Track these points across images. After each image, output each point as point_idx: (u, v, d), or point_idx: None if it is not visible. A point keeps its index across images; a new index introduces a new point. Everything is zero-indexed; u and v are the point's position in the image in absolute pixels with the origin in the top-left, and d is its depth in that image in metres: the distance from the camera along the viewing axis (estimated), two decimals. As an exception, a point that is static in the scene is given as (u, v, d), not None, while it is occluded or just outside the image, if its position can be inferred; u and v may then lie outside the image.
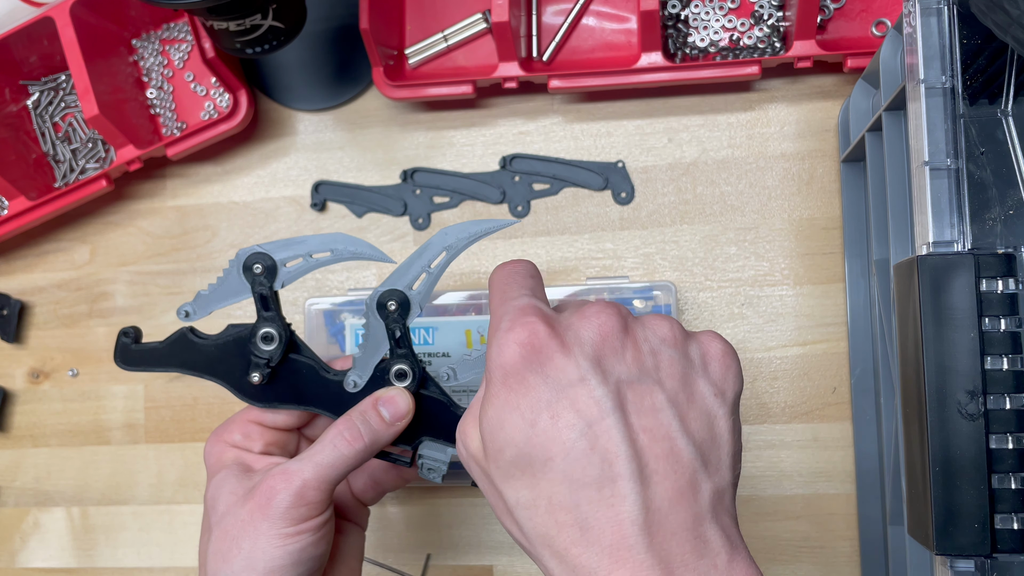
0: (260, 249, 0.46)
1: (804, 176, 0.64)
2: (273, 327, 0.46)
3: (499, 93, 0.67)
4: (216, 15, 0.54)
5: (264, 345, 0.46)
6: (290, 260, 0.46)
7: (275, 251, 0.46)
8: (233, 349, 0.46)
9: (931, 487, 0.38)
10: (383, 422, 0.44)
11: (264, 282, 0.46)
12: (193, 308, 0.47)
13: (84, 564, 0.72)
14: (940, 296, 0.39)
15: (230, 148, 0.71)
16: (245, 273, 0.46)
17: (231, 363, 0.46)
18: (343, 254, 0.46)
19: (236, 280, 0.46)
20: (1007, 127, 0.44)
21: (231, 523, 0.42)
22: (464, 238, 0.45)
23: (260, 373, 0.46)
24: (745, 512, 0.62)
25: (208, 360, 0.47)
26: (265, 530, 0.41)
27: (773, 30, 0.63)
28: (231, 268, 0.46)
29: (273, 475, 0.42)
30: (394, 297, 0.45)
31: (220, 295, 0.46)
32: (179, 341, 0.47)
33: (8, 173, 0.67)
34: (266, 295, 0.46)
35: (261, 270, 0.45)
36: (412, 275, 0.45)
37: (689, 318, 0.64)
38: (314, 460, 0.42)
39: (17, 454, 0.74)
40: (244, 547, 0.41)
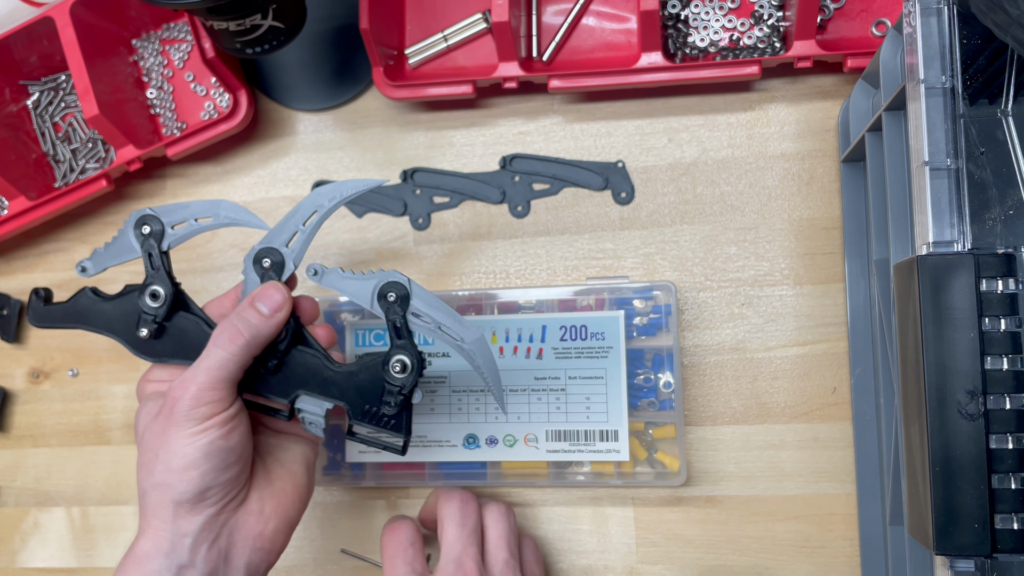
0: (149, 212, 0.50)
1: (804, 176, 0.64)
2: (160, 285, 0.50)
3: (499, 93, 0.67)
4: (216, 15, 0.54)
5: (151, 302, 0.50)
6: (177, 223, 0.50)
7: (163, 214, 0.50)
8: (128, 307, 0.50)
9: (931, 487, 0.38)
10: (261, 316, 0.48)
11: (152, 243, 0.50)
12: (90, 264, 0.51)
13: (84, 564, 0.72)
14: (940, 296, 0.39)
15: (230, 148, 0.71)
16: (135, 232, 0.50)
17: (126, 321, 0.50)
18: (223, 220, 0.50)
19: (128, 239, 0.50)
20: (1007, 127, 0.44)
21: (149, 439, 0.47)
22: (335, 198, 0.49)
23: (147, 328, 0.50)
24: (745, 512, 0.62)
25: (106, 318, 0.50)
26: (174, 434, 0.45)
27: (773, 30, 0.63)
28: (125, 228, 0.50)
29: (173, 387, 0.46)
30: (269, 255, 0.49)
31: (113, 252, 0.51)
32: (79, 299, 0.51)
33: (8, 173, 0.67)
34: (153, 254, 0.50)
35: (149, 231, 0.50)
36: (286, 234, 0.50)
37: (689, 318, 0.64)
38: (203, 365, 0.46)
39: (17, 454, 0.74)
40: (160, 454, 0.46)
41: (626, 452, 0.60)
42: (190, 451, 0.45)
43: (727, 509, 0.63)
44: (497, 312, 0.63)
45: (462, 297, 0.64)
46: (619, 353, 0.61)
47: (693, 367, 0.64)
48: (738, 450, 0.63)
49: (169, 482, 0.45)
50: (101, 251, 0.51)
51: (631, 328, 0.62)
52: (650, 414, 0.62)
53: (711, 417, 0.63)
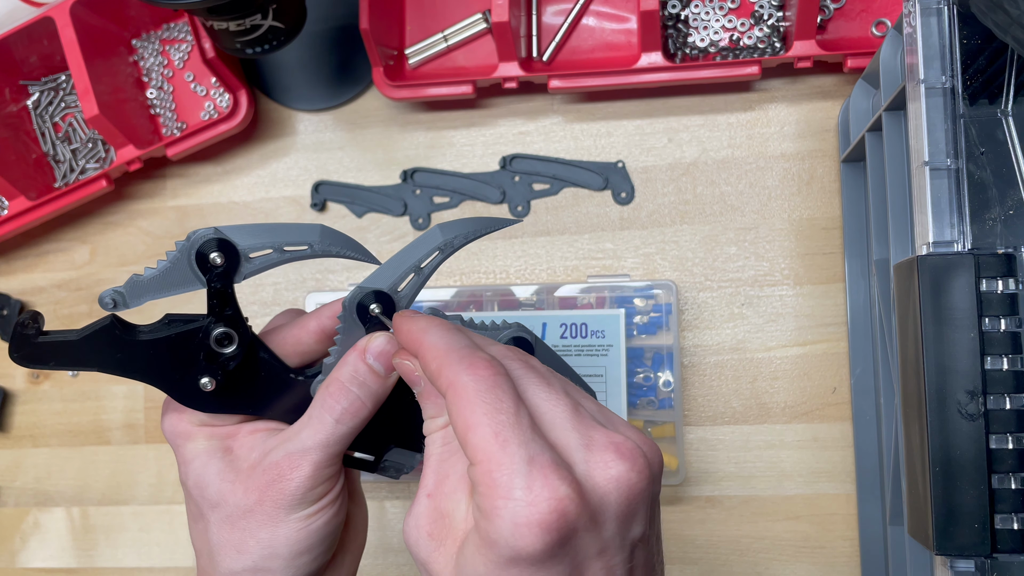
0: (221, 234, 0.36)
1: (804, 176, 0.64)
2: (231, 326, 0.37)
3: (499, 93, 0.67)
4: (216, 15, 0.54)
5: (221, 348, 0.38)
6: (257, 251, 0.37)
7: (241, 237, 0.36)
8: (174, 347, 0.37)
9: (931, 487, 0.38)
10: (379, 378, 0.39)
11: (224, 275, 0.37)
12: (124, 296, 0.36)
13: (84, 564, 0.72)
14: (940, 296, 0.39)
15: (230, 148, 0.71)
16: (198, 263, 0.36)
17: (170, 363, 0.37)
18: (320, 250, 0.39)
19: (184, 269, 0.36)
20: (1007, 127, 0.44)
21: (236, 512, 0.38)
22: (461, 236, 0.39)
23: (213, 379, 0.37)
24: (745, 512, 0.62)
25: (138, 359, 0.37)
26: (283, 517, 0.38)
27: (773, 30, 0.63)
28: (180, 255, 0.36)
29: (278, 462, 0.38)
30: (379, 300, 0.38)
31: (161, 284, 0.37)
32: (100, 335, 0.36)
33: (8, 173, 0.67)
34: (226, 290, 0.37)
35: (221, 262, 0.36)
36: (399, 274, 0.39)
37: (689, 318, 0.64)
38: (318, 439, 0.38)
39: (17, 454, 0.74)
40: (262, 537, 0.38)
41: (626, 452, 0.60)
42: (303, 537, 0.38)
43: (727, 509, 0.63)
44: (497, 309, 0.63)
45: (461, 294, 0.64)
46: (619, 351, 0.61)
47: (693, 367, 0.64)
48: (738, 450, 0.63)
49: (272, 567, 0.39)
50: (142, 279, 0.36)
51: (631, 327, 0.62)
52: (649, 413, 0.62)
53: (711, 417, 0.63)
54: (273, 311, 0.70)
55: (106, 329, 0.36)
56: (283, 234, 0.37)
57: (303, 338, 0.41)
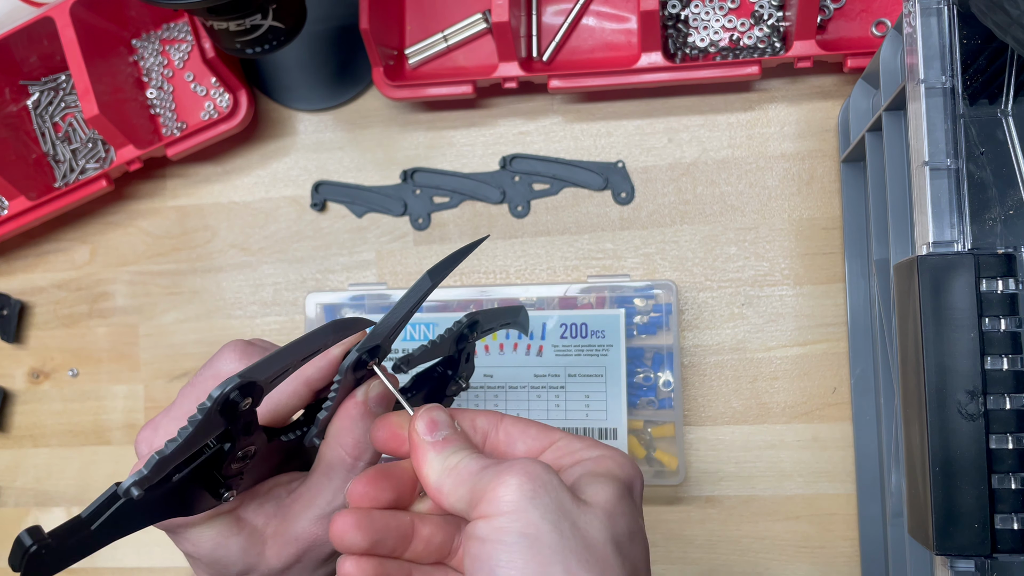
0: (248, 379, 0.33)
1: (804, 176, 0.64)
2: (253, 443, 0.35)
3: (499, 93, 0.67)
4: (216, 15, 0.54)
5: (241, 463, 0.36)
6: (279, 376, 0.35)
7: (260, 373, 0.33)
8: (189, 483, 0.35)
9: (931, 487, 0.38)
10: None
11: (250, 412, 0.34)
12: (150, 477, 0.31)
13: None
14: (940, 296, 0.39)
15: (230, 148, 0.71)
16: (226, 416, 0.33)
17: (185, 497, 0.35)
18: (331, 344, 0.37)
19: (210, 427, 0.33)
20: (1007, 127, 0.44)
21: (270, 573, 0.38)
22: (446, 273, 0.39)
23: (236, 490, 0.36)
24: (745, 512, 0.62)
25: (155, 511, 0.34)
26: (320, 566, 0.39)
27: (773, 30, 0.63)
28: (207, 416, 0.32)
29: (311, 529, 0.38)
30: (374, 356, 0.38)
31: (190, 447, 0.32)
32: (122, 513, 0.33)
33: (8, 173, 0.67)
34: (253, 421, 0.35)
35: (250, 403, 0.34)
36: (392, 327, 0.38)
37: (689, 318, 0.64)
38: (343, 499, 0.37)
39: (17, 454, 0.74)
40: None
41: (625, 450, 0.60)
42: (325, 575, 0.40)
43: (727, 509, 0.63)
44: (497, 312, 0.63)
45: (462, 294, 0.64)
46: (619, 351, 0.61)
47: (693, 367, 0.64)
48: (738, 450, 0.63)
49: None
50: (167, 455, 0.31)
51: (631, 326, 0.62)
52: (649, 413, 0.62)
53: (711, 417, 0.63)
54: (273, 310, 0.70)
55: (126, 506, 0.33)
56: (301, 349, 0.35)
57: (297, 404, 0.40)
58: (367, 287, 0.67)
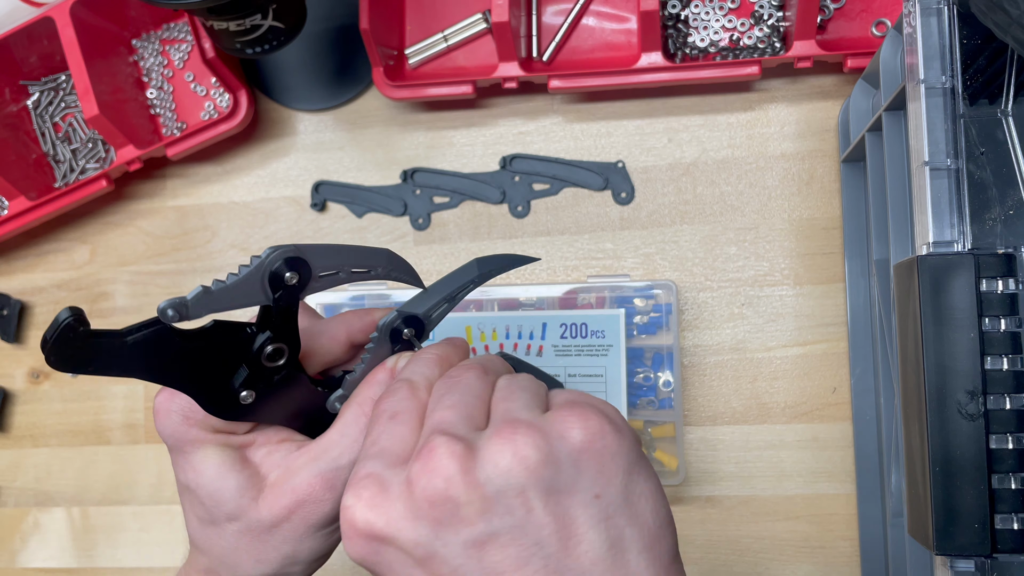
0: (301, 253, 0.35)
1: (804, 176, 0.64)
2: (285, 342, 0.37)
3: (499, 93, 0.67)
4: (216, 15, 0.54)
5: (271, 363, 0.37)
6: (326, 271, 0.37)
7: (313, 256, 0.36)
8: (221, 357, 0.36)
9: (931, 487, 0.38)
10: None
11: (292, 292, 0.36)
12: (188, 308, 0.33)
13: (84, 564, 0.72)
14: (940, 296, 0.39)
15: (230, 148, 0.71)
16: (271, 282, 0.35)
17: (212, 372, 0.36)
18: (382, 273, 0.39)
19: (255, 285, 0.35)
20: (1007, 127, 0.44)
21: (258, 527, 0.37)
22: (496, 269, 0.41)
23: (255, 391, 0.37)
24: (745, 512, 0.62)
25: (182, 366, 0.35)
26: (311, 533, 0.38)
27: (773, 30, 0.63)
28: (254, 271, 0.34)
29: (310, 483, 0.37)
30: (410, 324, 0.40)
31: (231, 297, 0.34)
32: (155, 341, 0.34)
33: (8, 173, 0.67)
34: (291, 309, 0.36)
35: (296, 281, 0.35)
36: (434, 302, 0.40)
37: (689, 318, 0.64)
38: (350, 458, 0.37)
39: (17, 454, 0.74)
40: (285, 550, 0.38)
41: (626, 452, 0.60)
42: (327, 546, 0.39)
43: (727, 509, 0.63)
44: (498, 309, 0.63)
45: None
46: (619, 351, 0.61)
47: (693, 367, 0.64)
48: (738, 450, 0.63)
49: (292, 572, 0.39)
50: (211, 291, 0.34)
51: (631, 327, 0.62)
52: (649, 413, 0.62)
53: (711, 417, 0.63)
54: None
55: (161, 336, 0.34)
56: (354, 256, 0.38)
57: (334, 350, 0.40)
58: (367, 287, 0.67)
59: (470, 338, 0.62)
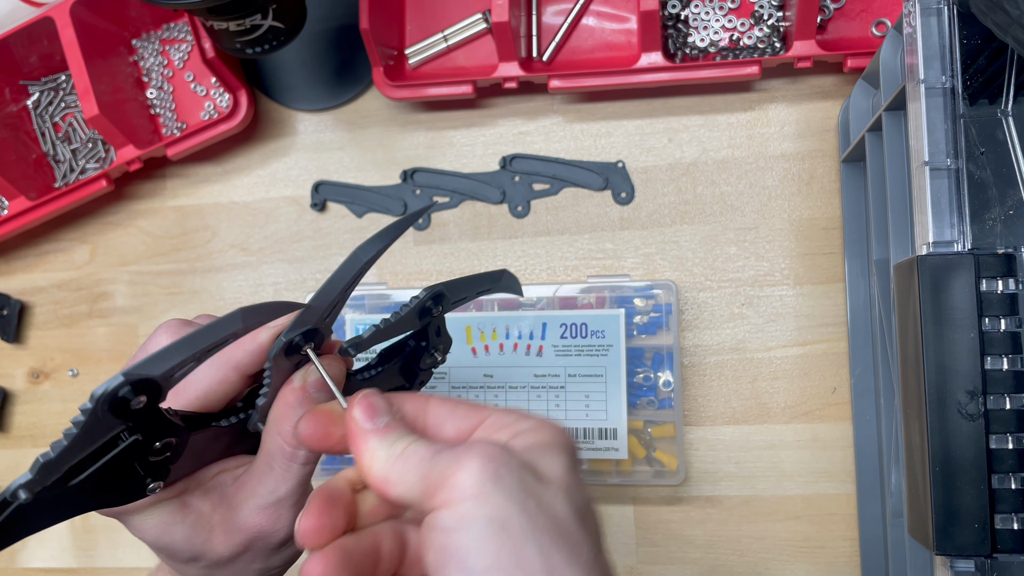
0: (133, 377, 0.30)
1: (804, 176, 0.64)
2: (168, 435, 0.34)
3: (499, 93, 0.67)
4: (216, 15, 0.54)
5: (160, 455, 0.34)
6: (177, 370, 0.31)
7: (155, 368, 0.30)
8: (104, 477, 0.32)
9: (931, 487, 0.38)
10: None
11: (146, 414, 0.31)
12: (35, 480, 0.29)
13: (84, 564, 0.72)
14: (940, 296, 0.39)
15: (230, 148, 0.71)
16: (117, 414, 0.30)
17: (104, 489, 0.33)
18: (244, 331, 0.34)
19: (102, 428, 0.31)
20: (1007, 127, 0.44)
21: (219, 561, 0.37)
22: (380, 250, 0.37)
23: (160, 481, 0.34)
24: (745, 512, 0.62)
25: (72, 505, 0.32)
26: (274, 553, 0.38)
27: (773, 30, 0.63)
28: (90, 420, 0.29)
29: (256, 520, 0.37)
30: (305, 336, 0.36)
31: (79, 448, 0.30)
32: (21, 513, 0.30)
33: (8, 173, 0.67)
34: (156, 414, 0.33)
35: (145, 400, 0.31)
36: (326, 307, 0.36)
37: (689, 318, 0.64)
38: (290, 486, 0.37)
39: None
40: (256, 567, 0.38)
41: (625, 450, 0.60)
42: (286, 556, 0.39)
43: (727, 509, 0.63)
44: (497, 309, 0.63)
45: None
46: (619, 351, 0.61)
47: (693, 367, 0.64)
48: (738, 450, 0.63)
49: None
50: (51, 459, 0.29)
51: (631, 326, 0.62)
52: (649, 413, 0.62)
53: (711, 417, 0.63)
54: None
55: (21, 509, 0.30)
56: (204, 340, 0.32)
57: (228, 390, 0.38)
58: (367, 287, 0.66)
59: (470, 338, 0.62)
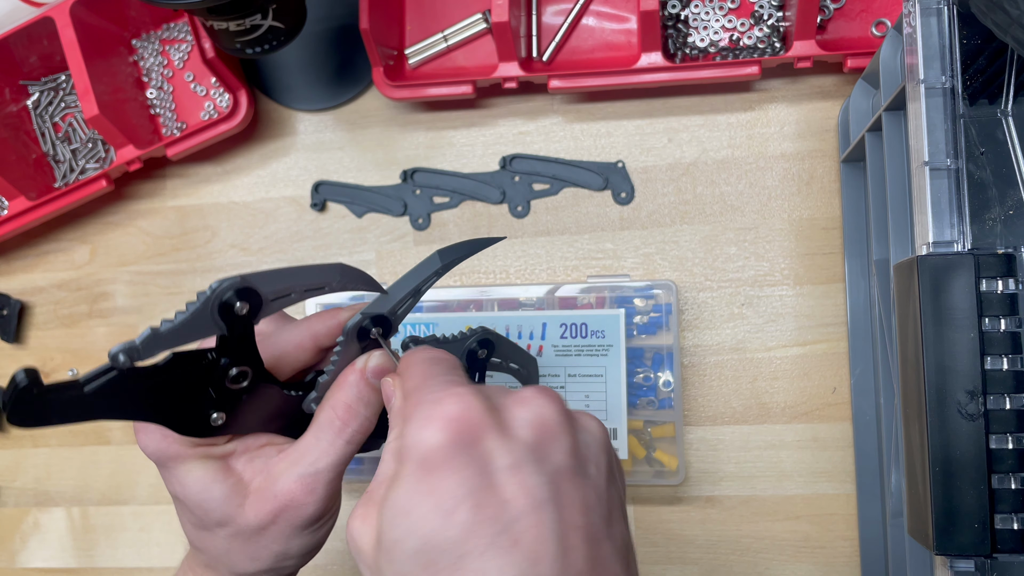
0: (248, 283, 0.35)
1: (804, 176, 0.64)
2: (247, 363, 0.37)
3: (499, 93, 0.67)
4: (216, 15, 0.54)
5: (235, 385, 0.37)
6: (278, 294, 0.37)
7: (263, 283, 0.36)
8: (184, 387, 0.36)
9: (931, 487, 0.38)
10: (378, 394, 0.39)
11: (245, 321, 0.36)
12: (139, 351, 0.33)
13: (84, 564, 0.72)
14: (940, 296, 0.39)
15: (230, 148, 0.71)
16: (222, 314, 0.35)
17: (178, 401, 0.36)
18: (343, 287, 0.39)
19: (206, 320, 0.35)
20: (1007, 127, 0.44)
21: (247, 531, 0.38)
22: (458, 259, 0.41)
23: (224, 412, 0.37)
24: (745, 512, 0.62)
25: (146, 401, 0.35)
26: (297, 534, 0.39)
27: (773, 30, 0.63)
28: (203, 307, 0.35)
29: (290, 488, 0.38)
30: (377, 323, 0.40)
31: (182, 334, 0.34)
32: (112, 385, 0.34)
33: (8, 173, 0.67)
34: (247, 335, 0.36)
35: (246, 312, 0.35)
36: (399, 299, 0.40)
37: (689, 318, 0.64)
38: (330, 462, 0.38)
39: (17, 454, 0.74)
40: (276, 549, 0.39)
41: (625, 450, 0.60)
42: (315, 541, 0.40)
43: (727, 509, 0.63)
44: (497, 309, 0.63)
45: (462, 294, 0.64)
46: (619, 351, 0.61)
47: (693, 367, 0.64)
48: (738, 450, 0.63)
49: (286, 566, 0.40)
50: (160, 331, 0.33)
51: (631, 326, 0.62)
52: (649, 412, 0.62)
53: (711, 417, 0.63)
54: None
55: (117, 381, 0.34)
56: (306, 277, 0.37)
57: (301, 356, 0.41)
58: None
59: (470, 338, 0.62)
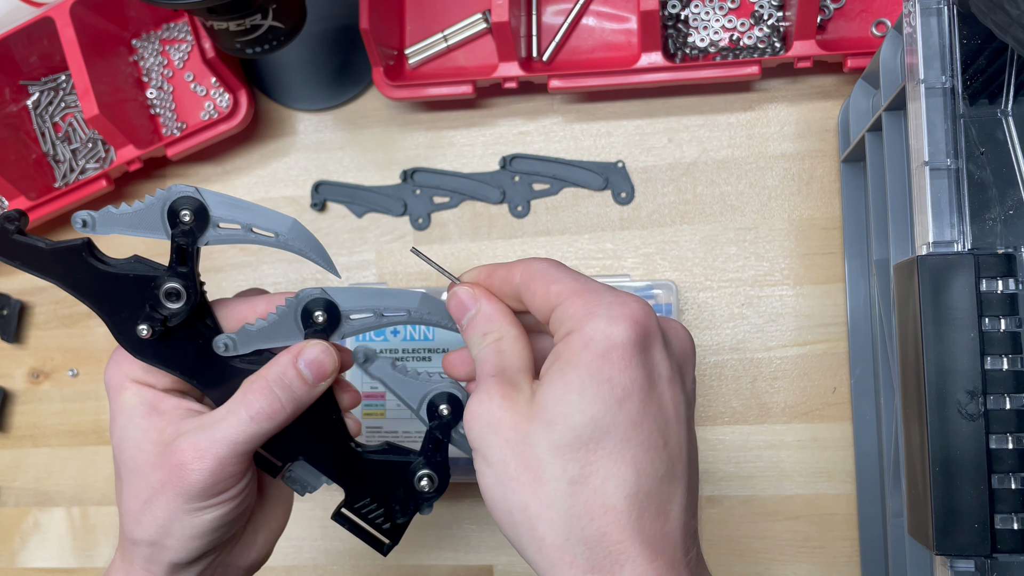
0: (196, 195, 0.38)
1: (804, 176, 0.64)
2: (182, 283, 0.39)
3: (499, 93, 0.67)
4: (216, 15, 0.54)
5: (168, 302, 0.39)
6: (226, 222, 0.39)
7: (215, 204, 0.38)
8: (130, 287, 0.39)
9: (931, 487, 0.38)
10: (305, 384, 0.39)
11: (189, 233, 0.38)
12: (94, 220, 0.38)
13: (84, 564, 0.72)
14: (940, 296, 0.39)
15: (230, 148, 0.71)
16: (169, 216, 0.38)
17: (122, 301, 0.39)
18: (284, 242, 0.39)
19: (155, 217, 0.38)
20: (1007, 127, 0.44)
21: (140, 484, 0.39)
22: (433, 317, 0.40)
23: (150, 328, 0.38)
24: (745, 512, 0.62)
25: (95, 286, 0.39)
26: (180, 504, 0.38)
27: (773, 30, 0.63)
28: (155, 202, 0.38)
29: (183, 449, 0.38)
30: (328, 312, 0.39)
31: (130, 222, 0.38)
32: (67, 253, 0.39)
33: (8, 173, 0.67)
34: (186, 248, 0.38)
35: (190, 219, 0.38)
36: (362, 305, 0.40)
37: (689, 318, 0.64)
38: (228, 434, 0.38)
39: (17, 454, 0.74)
40: (158, 515, 0.38)
41: (626, 452, 0.60)
42: (196, 523, 0.39)
43: (727, 509, 0.63)
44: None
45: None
46: (619, 353, 0.61)
47: (693, 367, 0.64)
48: (738, 450, 0.63)
49: (168, 545, 0.39)
50: (114, 212, 0.38)
51: (631, 328, 0.62)
52: (650, 414, 0.62)
53: (711, 417, 0.63)
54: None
55: (75, 249, 0.39)
56: (256, 216, 0.39)
57: (248, 317, 0.41)
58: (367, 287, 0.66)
59: (470, 338, 0.62)
